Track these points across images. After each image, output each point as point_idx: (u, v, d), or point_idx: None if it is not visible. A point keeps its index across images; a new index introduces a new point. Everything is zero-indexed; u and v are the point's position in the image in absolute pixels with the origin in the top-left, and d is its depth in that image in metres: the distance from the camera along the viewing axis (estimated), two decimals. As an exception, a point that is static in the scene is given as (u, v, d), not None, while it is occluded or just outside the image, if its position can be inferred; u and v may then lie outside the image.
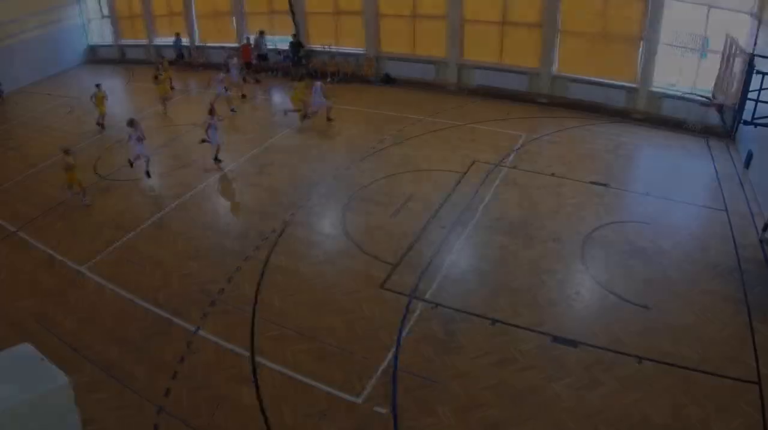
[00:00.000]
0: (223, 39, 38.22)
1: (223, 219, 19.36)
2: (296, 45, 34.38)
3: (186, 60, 38.61)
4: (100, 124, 28.32)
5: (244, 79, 33.96)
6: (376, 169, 22.15)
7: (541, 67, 28.81)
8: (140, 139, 22.14)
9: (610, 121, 26.41)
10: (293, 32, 34.53)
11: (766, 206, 17.50)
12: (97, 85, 28.22)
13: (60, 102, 33.48)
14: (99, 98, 27.91)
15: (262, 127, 27.52)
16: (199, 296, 15.58)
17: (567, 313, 14.41)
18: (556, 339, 13.50)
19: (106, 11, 42.22)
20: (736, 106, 15.55)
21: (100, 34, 43.58)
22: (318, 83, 27.40)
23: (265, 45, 35.77)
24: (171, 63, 40.09)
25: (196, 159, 23.62)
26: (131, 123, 22.44)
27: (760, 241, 16.99)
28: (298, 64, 34.64)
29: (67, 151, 20.29)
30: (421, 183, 20.97)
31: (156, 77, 30.24)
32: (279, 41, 36.13)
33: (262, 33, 35.11)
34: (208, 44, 38.89)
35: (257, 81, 34.36)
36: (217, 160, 23.27)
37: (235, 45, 37.33)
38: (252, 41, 35.46)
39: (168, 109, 29.99)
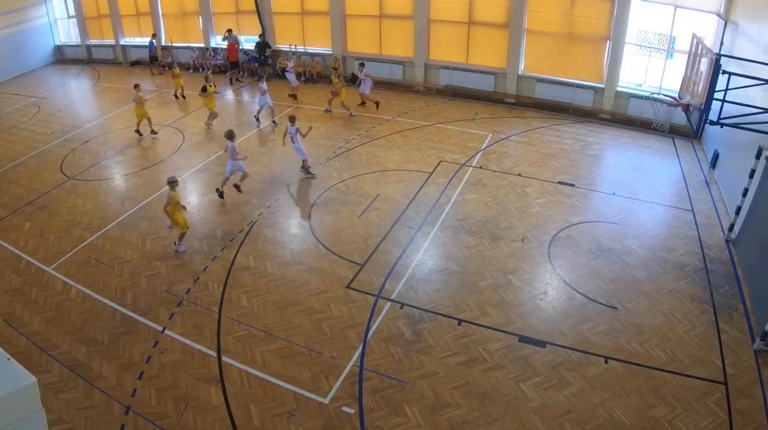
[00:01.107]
0: (190, 39, 38.06)
1: (190, 219, 19.19)
2: (263, 45, 34.25)
3: (160, 61, 38.03)
4: (150, 131, 26.56)
5: (231, 81, 34.23)
6: (343, 169, 22.13)
7: (507, 67, 28.95)
8: (237, 153, 20.14)
9: (577, 121, 26.65)
10: (260, 32, 34.43)
11: (731, 206, 17.67)
12: (136, 86, 26.02)
13: (28, 102, 33.05)
14: (140, 99, 25.39)
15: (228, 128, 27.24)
16: (167, 296, 15.49)
17: (534, 313, 14.44)
18: (523, 339, 13.56)
19: (72, 11, 41.72)
20: (703, 106, 15.66)
21: (67, 33, 43.13)
22: (364, 69, 28.15)
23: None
24: (133, 64, 39.90)
25: (163, 159, 23.38)
26: (230, 135, 20.25)
27: (726, 241, 17.20)
28: (264, 64, 34.55)
29: (173, 183, 17.39)
30: (388, 183, 20.98)
31: (204, 89, 26.57)
32: (246, 41, 36.01)
33: (229, 31, 34.78)
34: (175, 44, 38.57)
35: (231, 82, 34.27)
36: (309, 172, 21.88)
37: (200, 45, 37.41)
38: (226, 40, 35.12)
39: (212, 125, 27.09)
